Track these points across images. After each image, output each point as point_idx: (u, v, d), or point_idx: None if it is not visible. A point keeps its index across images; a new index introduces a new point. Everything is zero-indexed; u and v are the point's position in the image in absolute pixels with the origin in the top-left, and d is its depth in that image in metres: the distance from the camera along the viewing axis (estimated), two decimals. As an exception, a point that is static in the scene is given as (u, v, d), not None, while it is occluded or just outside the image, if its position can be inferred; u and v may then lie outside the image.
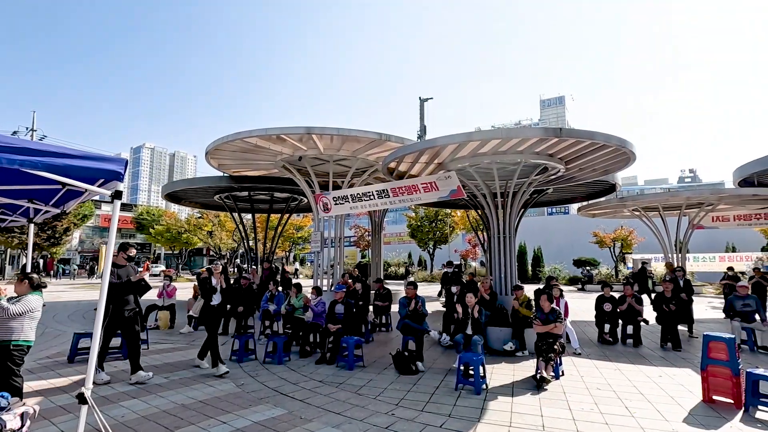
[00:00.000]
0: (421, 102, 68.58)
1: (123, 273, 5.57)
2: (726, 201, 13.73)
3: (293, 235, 36.61)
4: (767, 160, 9.75)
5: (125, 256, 5.72)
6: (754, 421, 4.41)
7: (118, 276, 5.47)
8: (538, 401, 4.94)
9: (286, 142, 10.73)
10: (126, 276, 5.56)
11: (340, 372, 6.15)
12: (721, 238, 31.06)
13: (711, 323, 10.92)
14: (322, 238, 11.95)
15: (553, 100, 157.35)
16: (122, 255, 5.70)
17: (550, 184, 10.91)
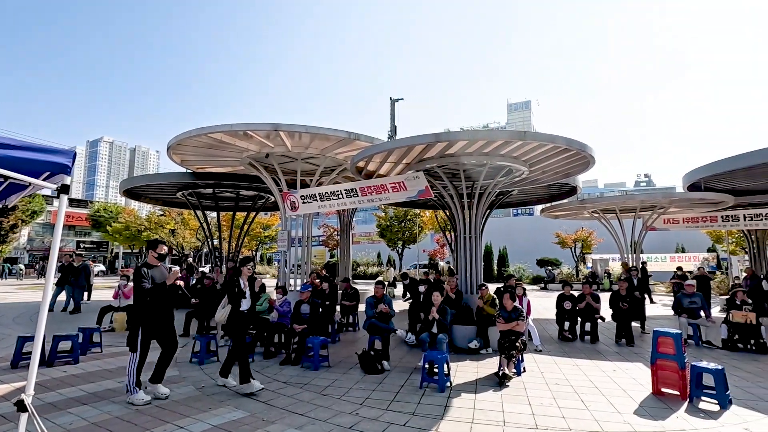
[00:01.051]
0: (392, 102, 68.73)
1: (157, 275, 4.81)
2: (676, 204, 14.56)
3: (260, 234, 35.86)
4: (713, 167, 10.39)
5: (155, 255, 4.92)
6: (697, 410, 4.68)
7: (151, 278, 4.74)
8: (500, 397, 5.05)
9: (252, 139, 10.49)
10: (161, 278, 4.82)
11: (305, 372, 6.07)
12: (672, 240, 32.91)
13: (662, 320, 11.53)
14: (289, 237, 11.76)
15: (520, 104, 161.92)
16: (152, 254, 4.93)
17: (514, 185, 11.21)
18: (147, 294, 4.66)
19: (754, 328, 7.76)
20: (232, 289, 5.27)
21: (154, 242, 5.06)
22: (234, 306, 5.23)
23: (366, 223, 53.01)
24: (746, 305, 8.09)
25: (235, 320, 5.24)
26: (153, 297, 4.71)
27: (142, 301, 4.70)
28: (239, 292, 5.26)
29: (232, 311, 5.23)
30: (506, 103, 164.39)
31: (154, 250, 4.97)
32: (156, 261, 4.95)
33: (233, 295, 5.24)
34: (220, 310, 5.34)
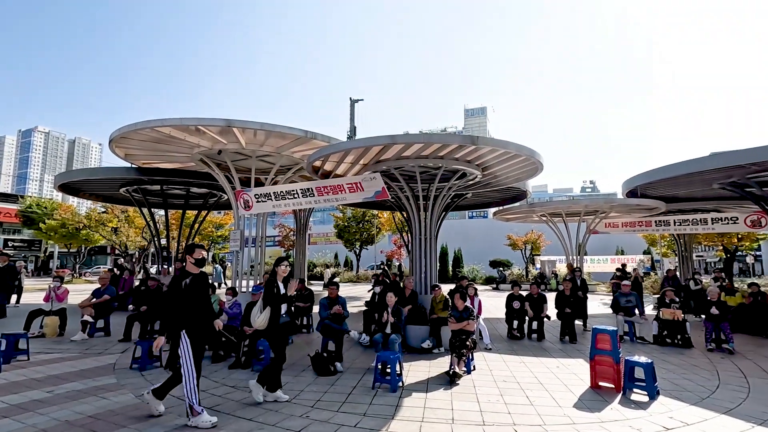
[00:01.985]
0: (352, 102, 68.39)
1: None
2: (616, 209, 15.59)
3: (212, 233, 34.55)
4: (649, 174, 11.20)
5: (193, 260, 4.40)
6: (629, 402, 5.02)
7: (183, 289, 4.30)
8: (450, 396, 5.16)
9: (204, 135, 10.09)
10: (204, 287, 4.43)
11: (254, 376, 5.88)
12: (612, 242, 35.19)
13: (602, 317, 12.27)
14: (243, 236, 11.41)
15: (477, 110, 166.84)
16: (189, 259, 4.41)
17: (469, 189, 11.52)
18: (189, 305, 4.21)
19: (680, 324, 8.44)
20: (270, 291, 4.85)
21: (191, 246, 4.49)
22: (274, 310, 4.82)
23: (324, 223, 52.57)
24: (674, 303, 8.78)
25: (276, 326, 4.85)
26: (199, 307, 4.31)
27: (187, 315, 4.19)
28: (278, 294, 4.86)
29: (272, 317, 4.81)
30: (464, 109, 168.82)
31: (191, 255, 4.43)
32: (195, 268, 4.42)
33: (273, 298, 4.82)
34: (258, 315, 4.84)
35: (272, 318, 4.78)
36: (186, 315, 4.21)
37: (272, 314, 4.78)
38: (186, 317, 4.20)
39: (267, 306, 4.80)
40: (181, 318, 4.19)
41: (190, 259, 4.40)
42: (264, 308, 4.82)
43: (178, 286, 4.25)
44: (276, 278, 4.91)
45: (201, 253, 4.45)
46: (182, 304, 4.21)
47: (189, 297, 4.24)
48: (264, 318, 4.78)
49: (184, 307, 4.21)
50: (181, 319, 4.18)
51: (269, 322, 4.77)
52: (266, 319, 4.77)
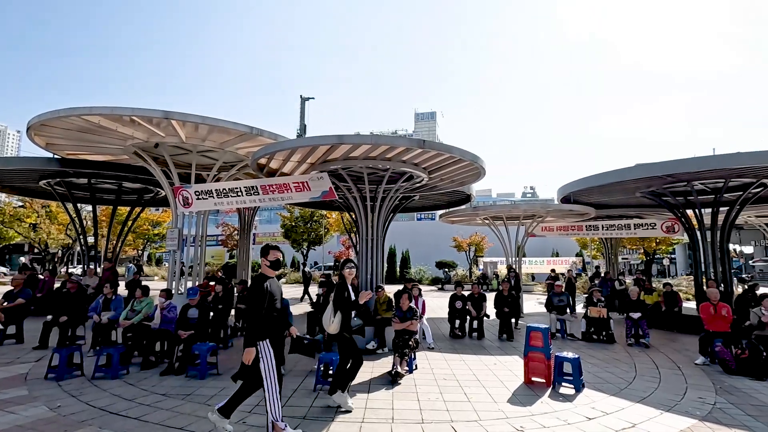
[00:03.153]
0: (303, 101, 67.48)
1: (274, 287, 4.06)
2: (552, 214, 16.56)
3: (148, 231, 32.44)
4: (580, 182, 12.02)
5: (268, 263, 4.10)
6: (558, 395, 5.35)
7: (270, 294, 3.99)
8: (391, 395, 5.21)
9: (139, 126, 9.43)
10: (277, 291, 4.07)
11: (189, 382, 5.60)
12: (549, 245, 37.41)
13: (537, 316, 12.99)
14: (180, 235, 10.80)
15: (427, 114, 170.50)
16: (264, 262, 4.10)
17: (416, 191, 11.71)
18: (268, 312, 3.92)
19: (605, 321, 9.13)
20: (342, 295, 4.71)
21: (266, 248, 4.16)
22: (345, 315, 4.69)
23: (270, 222, 51.14)
24: (600, 302, 9.48)
25: (347, 331, 4.75)
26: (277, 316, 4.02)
27: (264, 323, 3.91)
28: (349, 300, 4.73)
29: (344, 321, 4.69)
30: (414, 113, 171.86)
31: (266, 257, 4.11)
32: (271, 271, 4.12)
33: (345, 302, 4.68)
34: (330, 320, 4.68)
35: (344, 323, 4.70)
36: (267, 322, 3.94)
37: (344, 319, 4.70)
38: (267, 325, 3.94)
39: (338, 311, 4.71)
40: (264, 326, 3.92)
41: (264, 262, 4.11)
42: (335, 313, 4.72)
43: (261, 290, 3.92)
44: (346, 282, 4.81)
45: (276, 254, 4.14)
46: (266, 311, 3.93)
47: (269, 303, 3.97)
48: (337, 323, 4.68)
49: (266, 313, 3.93)
50: (263, 327, 3.91)
51: (341, 327, 4.70)
52: (339, 324, 4.68)
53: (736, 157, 8.70)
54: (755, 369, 6.27)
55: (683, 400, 5.19)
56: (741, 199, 10.44)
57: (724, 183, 9.92)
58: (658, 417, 4.63)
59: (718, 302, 7.32)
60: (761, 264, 41.60)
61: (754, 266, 42.68)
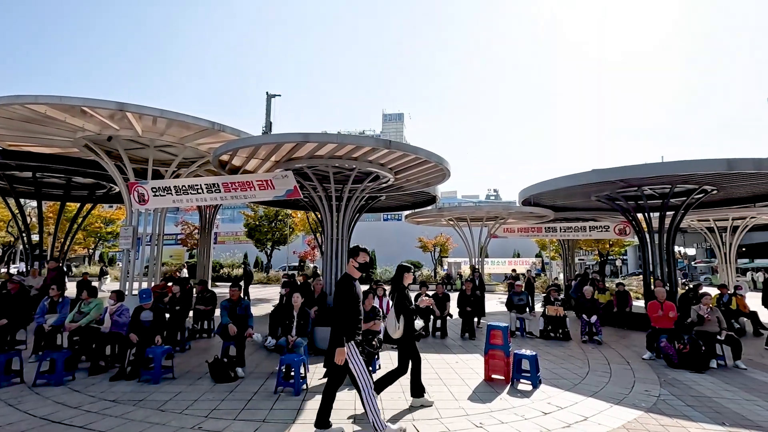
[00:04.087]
0: (269, 97, 65.89)
1: (360, 291, 4.09)
2: (513, 216, 17.10)
3: (101, 229, 30.76)
4: (540, 186, 12.45)
5: (356, 265, 4.09)
6: (516, 391, 5.51)
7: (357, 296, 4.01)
8: (353, 396, 5.18)
9: (92, 118, 8.94)
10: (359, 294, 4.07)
11: (141, 387, 5.35)
12: (510, 246, 38.57)
13: (499, 315, 13.33)
14: (135, 234, 10.31)
15: (394, 115, 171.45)
16: (352, 263, 4.09)
17: (382, 191, 11.74)
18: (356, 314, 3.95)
19: (561, 320, 9.50)
20: (403, 300, 4.74)
21: (355, 249, 4.16)
22: (408, 318, 4.68)
23: (233, 221, 49.77)
24: (557, 301, 9.85)
25: (412, 333, 4.76)
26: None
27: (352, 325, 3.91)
28: (411, 303, 4.76)
29: (407, 325, 4.69)
30: (382, 113, 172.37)
31: (355, 258, 4.10)
32: (357, 272, 4.12)
33: (406, 306, 4.68)
34: (395, 326, 4.74)
35: (407, 327, 4.73)
36: (353, 324, 3.94)
37: (407, 323, 4.73)
38: (353, 326, 3.93)
39: (401, 315, 4.75)
40: (351, 327, 3.91)
41: (353, 263, 4.11)
42: (398, 318, 4.77)
43: (352, 290, 3.96)
44: (405, 286, 4.89)
45: (365, 257, 4.16)
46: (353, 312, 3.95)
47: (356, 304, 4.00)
48: (401, 328, 4.73)
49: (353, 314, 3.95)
50: (350, 328, 3.90)
51: (405, 332, 4.73)
52: (403, 329, 4.73)
53: (680, 164, 9.29)
54: (695, 362, 6.71)
55: (631, 393, 5.48)
56: (685, 204, 11.16)
57: (671, 189, 10.57)
58: (608, 410, 4.87)
59: (665, 301, 7.78)
60: (702, 265, 44.69)
61: (696, 267, 45.82)
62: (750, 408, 5.01)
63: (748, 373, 6.64)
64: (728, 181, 10.42)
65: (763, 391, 5.69)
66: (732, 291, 11.12)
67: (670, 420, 4.59)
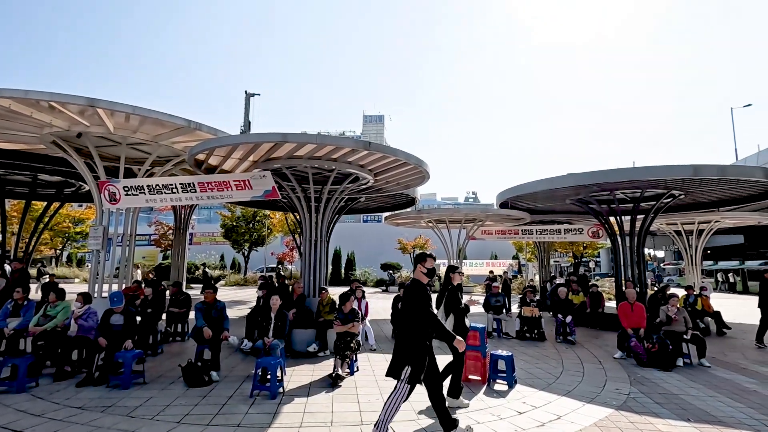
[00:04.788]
0: (247, 96, 64.91)
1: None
2: (491, 218, 17.36)
3: (69, 229, 29.65)
4: (516, 189, 12.68)
5: (424, 270, 4.05)
6: (492, 391, 5.58)
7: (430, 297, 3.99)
8: (331, 398, 5.15)
9: (60, 113, 8.59)
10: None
11: (110, 393, 5.17)
12: (488, 248, 39.13)
13: (476, 316, 13.47)
14: (105, 234, 9.96)
15: (375, 117, 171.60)
16: (420, 269, 4.05)
17: (361, 193, 11.72)
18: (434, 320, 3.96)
19: (537, 320, 9.69)
20: (455, 299, 4.77)
21: (422, 255, 4.13)
22: (458, 317, 4.70)
23: (210, 222, 48.80)
24: (533, 302, 10.04)
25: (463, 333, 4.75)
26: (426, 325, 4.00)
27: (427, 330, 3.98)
28: (460, 303, 4.77)
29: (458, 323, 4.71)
30: (362, 115, 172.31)
31: (422, 264, 4.07)
32: (425, 278, 4.08)
33: (457, 305, 4.69)
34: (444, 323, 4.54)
35: (457, 326, 4.72)
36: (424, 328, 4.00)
37: (457, 322, 4.76)
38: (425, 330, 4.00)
39: (450, 313, 4.81)
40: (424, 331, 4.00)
41: (421, 269, 4.08)
42: (447, 316, 4.84)
43: (428, 293, 3.99)
44: (455, 285, 4.94)
45: (432, 262, 4.14)
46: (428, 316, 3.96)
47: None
48: (450, 326, 4.73)
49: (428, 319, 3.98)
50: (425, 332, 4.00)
51: (455, 329, 4.70)
52: (452, 327, 4.74)
53: (650, 170, 9.63)
54: (663, 361, 6.95)
55: (603, 392, 5.62)
56: (654, 208, 11.56)
57: (641, 193, 10.94)
58: (581, 408, 4.98)
59: (635, 302, 8.04)
60: (670, 267, 46.39)
61: (665, 269, 47.52)
62: (713, 404, 5.22)
63: (711, 371, 6.92)
64: (694, 186, 10.86)
65: (725, 388, 5.94)
66: (697, 292, 11.57)
67: (639, 417, 4.74)
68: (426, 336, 3.98)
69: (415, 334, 3.94)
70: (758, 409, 5.09)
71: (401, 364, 3.88)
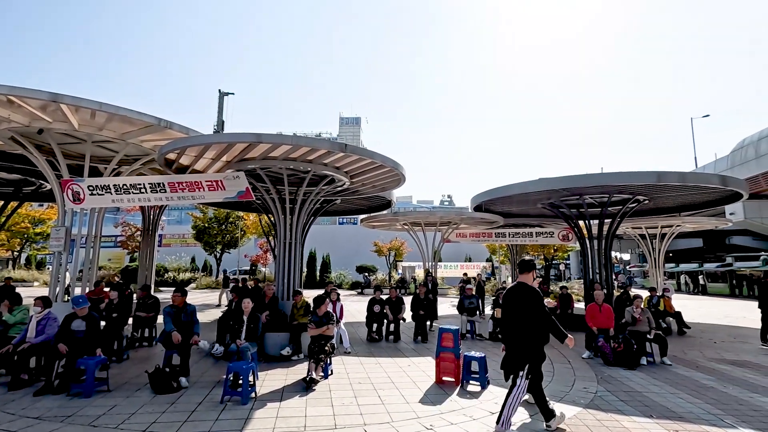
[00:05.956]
0: (221, 95, 63.68)
1: None
2: (465, 221, 17.60)
3: (28, 230, 28.21)
4: (490, 193, 12.91)
5: (535, 275, 4.47)
6: (466, 393, 5.65)
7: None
8: (304, 402, 5.09)
9: (19, 108, 8.17)
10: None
11: (71, 402, 4.93)
12: (462, 251, 39.65)
13: (450, 318, 13.62)
14: (68, 235, 9.53)
15: (351, 119, 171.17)
16: (534, 274, 4.45)
17: (337, 195, 11.66)
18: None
19: (509, 321, 9.86)
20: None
21: (531, 264, 4.49)
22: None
23: (180, 223, 47.39)
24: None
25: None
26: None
27: (543, 329, 4.30)
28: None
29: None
30: (339, 117, 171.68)
31: (535, 270, 4.50)
32: (535, 283, 4.45)
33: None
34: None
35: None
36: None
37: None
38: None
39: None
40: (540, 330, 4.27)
41: (534, 274, 4.45)
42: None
43: (541, 296, 4.31)
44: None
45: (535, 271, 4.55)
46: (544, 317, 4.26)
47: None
48: None
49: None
50: (541, 331, 4.27)
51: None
52: None
53: (617, 175, 10.00)
54: (628, 360, 7.22)
55: (572, 391, 5.78)
56: (621, 212, 12.00)
57: (608, 198, 11.33)
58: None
59: (603, 303, 8.31)
60: (635, 269, 48.26)
61: (631, 271, 49.39)
62: (674, 401, 5.46)
63: (672, 369, 7.23)
64: (658, 192, 11.34)
65: (685, 385, 6.22)
66: (660, 293, 12.07)
67: (606, 415, 4.89)
68: (542, 334, 4.28)
69: (532, 333, 4.25)
70: (715, 404, 5.35)
71: (521, 362, 4.23)
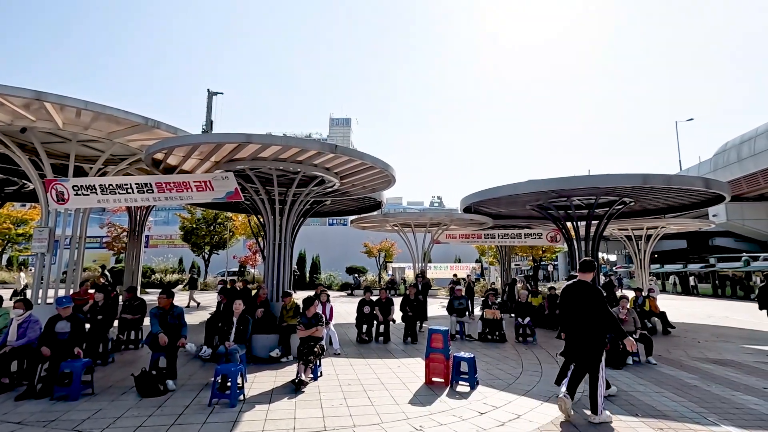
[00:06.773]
0: (210, 95, 63.06)
1: None
2: (455, 223, 17.71)
3: (10, 230, 27.59)
4: (480, 194, 13.01)
5: (593, 276, 4.96)
6: (455, 393, 5.67)
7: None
8: (293, 404, 5.06)
9: (2, 106, 7.99)
10: None
11: (54, 406, 4.84)
12: (452, 252, 39.81)
13: (440, 319, 13.66)
14: (51, 236, 9.36)
15: (342, 120, 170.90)
16: (593, 275, 4.95)
17: (327, 196, 11.64)
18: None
19: (498, 322, 9.94)
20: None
21: (592, 264, 4.91)
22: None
23: (168, 224, 46.78)
24: (494, 305, 10.30)
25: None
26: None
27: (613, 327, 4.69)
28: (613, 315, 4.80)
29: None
30: (329, 117, 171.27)
31: (594, 271, 4.96)
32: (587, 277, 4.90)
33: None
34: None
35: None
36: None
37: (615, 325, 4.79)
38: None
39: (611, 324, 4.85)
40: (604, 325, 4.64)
41: (593, 275, 4.89)
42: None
43: (603, 295, 4.72)
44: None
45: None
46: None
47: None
48: None
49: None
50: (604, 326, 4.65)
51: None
52: None
53: (604, 178, 10.16)
54: (614, 359, 7.31)
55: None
56: (607, 213, 12.19)
57: (596, 199, 11.51)
58: (539, 407, 5.15)
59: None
60: (622, 270, 48.97)
61: (617, 272, 50.12)
62: (659, 399, 5.55)
63: (657, 368, 7.36)
64: (643, 194, 11.55)
65: (670, 384, 6.33)
66: (645, 293, 12.27)
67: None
68: (604, 328, 4.65)
69: (598, 328, 4.64)
70: (698, 402, 5.46)
71: (598, 353, 4.61)
